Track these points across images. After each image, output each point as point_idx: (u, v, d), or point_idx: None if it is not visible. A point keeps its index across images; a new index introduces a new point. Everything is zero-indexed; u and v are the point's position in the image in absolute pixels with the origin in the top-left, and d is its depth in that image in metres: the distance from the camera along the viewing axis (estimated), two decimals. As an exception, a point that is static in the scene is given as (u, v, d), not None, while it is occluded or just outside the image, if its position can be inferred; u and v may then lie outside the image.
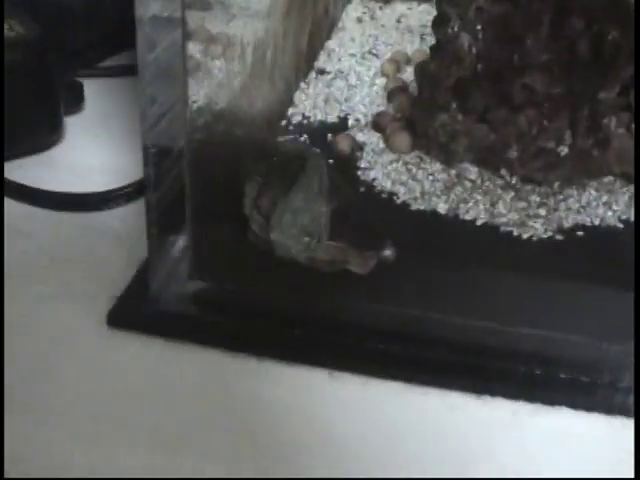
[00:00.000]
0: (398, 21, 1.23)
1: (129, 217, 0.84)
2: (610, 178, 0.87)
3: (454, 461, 0.61)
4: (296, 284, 0.71)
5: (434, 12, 0.84)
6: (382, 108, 0.96)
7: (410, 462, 0.61)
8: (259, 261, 0.72)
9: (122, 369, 0.68)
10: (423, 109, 0.85)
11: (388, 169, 0.86)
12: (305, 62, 1.06)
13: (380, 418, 0.64)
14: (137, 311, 0.71)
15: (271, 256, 0.72)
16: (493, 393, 0.65)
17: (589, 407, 0.64)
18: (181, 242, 0.74)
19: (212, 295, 0.72)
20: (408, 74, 1.04)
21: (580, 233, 0.80)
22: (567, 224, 0.80)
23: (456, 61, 0.83)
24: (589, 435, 0.63)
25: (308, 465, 0.61)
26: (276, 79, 0.96)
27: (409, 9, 1.27)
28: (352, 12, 1.24)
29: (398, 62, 1.06)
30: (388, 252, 0.71)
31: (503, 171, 0.84)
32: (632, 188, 0.85)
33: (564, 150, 0.81)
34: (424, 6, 1.26)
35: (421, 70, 0.86)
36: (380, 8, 1.27)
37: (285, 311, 0.70)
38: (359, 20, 1.23)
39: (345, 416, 0.64)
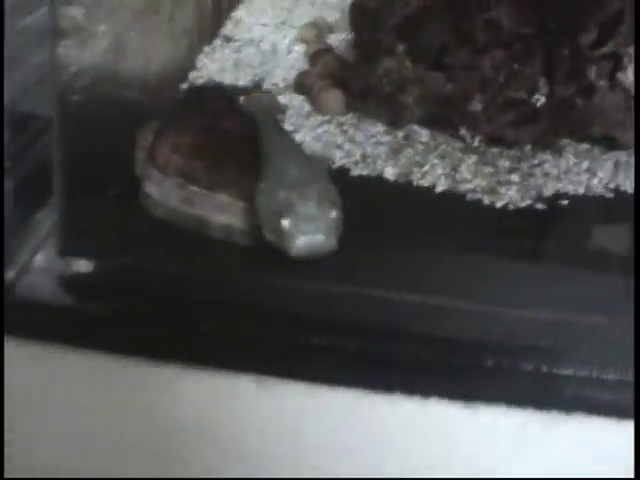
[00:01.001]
0: (313, -1, 1.07)
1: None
2: (586, 145, 0.70)
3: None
4: (204, 261, 0.52)
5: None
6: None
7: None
8: (153, 231, 0.53)
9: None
10: (362, 56, 0.67)
11: (318, 131, 0.69)
12: (209, 28, 0.89)
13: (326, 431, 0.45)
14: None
15: (170, 224, 0.52)
16: (488, 399, 0.47)
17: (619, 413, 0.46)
18: (49, 214, 0.55)
19: (90, 278, 0.53)
20: (331, 40, 0.87)
21: (564, 202, 0.62)
22: (547, 192, 0.63)
23: (402, -5, 0.66)
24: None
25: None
26: (176, 37, 0.78)
27: (326, -12, 1.11)
28: (262, -14, 1.08)
29: (319, 27, 0.89)
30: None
31: (463, 131, 0.66)
32: (616, 155, 0.69)
33: (540, 100, 0.64)
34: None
35: (358, 9, 0.68)
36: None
37: (189, 298, 0.51)
38: (270, -6, 1.07)
39: (280, 433, 0.45)
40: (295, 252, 0.49)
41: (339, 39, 0.88)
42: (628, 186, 0.66)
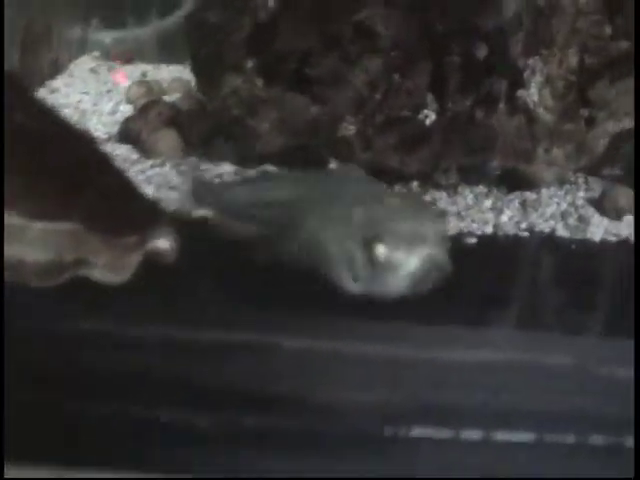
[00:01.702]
0: (144, 75, 0.96)
1: None
2: (483, 189, 0.57)
3: None
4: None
5: (186, 72, 0.66)
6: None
7: None
8: None
9: None
10: (202, 75, 0.53)
11: (148, 174, 0.53)
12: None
13: None
14: None
15: None
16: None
17: None
18: None
19: None
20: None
21: (472, 240, 0.48)
22: (450, 231, 0.49)
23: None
24: None
25: None
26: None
27: (156, 68, 1.00)
28: (83, 64, 0.97)
29: (149, 85, 0.76)
30: (163, 242, 0.37)
31: (333, 165, 0.52)
32: (521, 195, 0.56)
33: (430, 117, 0.51)
34: (175, 67, 0.99)
35: (196, 22, 0.54)
36: (120, 64, 1.00)
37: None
38: (93, 71, 0.96)
39: None
40: (407, 284, 0.34)
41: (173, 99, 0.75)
42: (544, 226, 0.53)
